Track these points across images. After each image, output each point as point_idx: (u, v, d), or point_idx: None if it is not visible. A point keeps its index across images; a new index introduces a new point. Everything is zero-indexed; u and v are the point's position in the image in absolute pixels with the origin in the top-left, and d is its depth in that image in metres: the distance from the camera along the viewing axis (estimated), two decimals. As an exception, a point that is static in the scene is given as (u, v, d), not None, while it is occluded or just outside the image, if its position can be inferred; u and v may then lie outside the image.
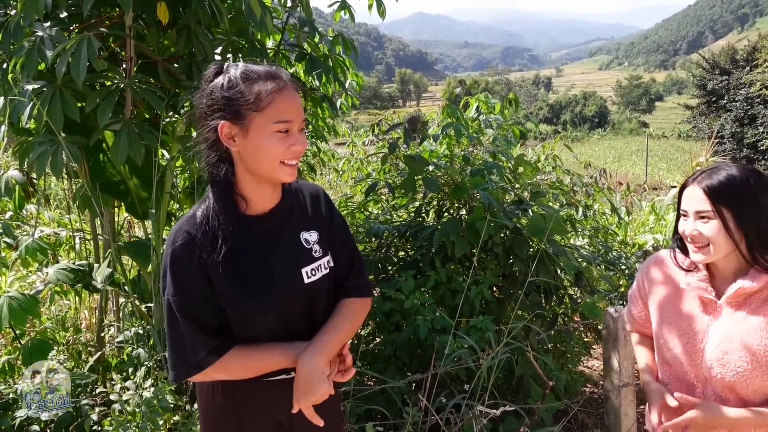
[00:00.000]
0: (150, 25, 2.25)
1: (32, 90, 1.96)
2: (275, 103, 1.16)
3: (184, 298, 1.22)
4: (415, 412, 2.24)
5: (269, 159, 1.18)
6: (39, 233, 2.63)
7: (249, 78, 1.17)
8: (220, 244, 1.21)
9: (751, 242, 1.32)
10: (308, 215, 1.36)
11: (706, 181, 1.34)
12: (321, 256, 1.33)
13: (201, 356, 1.22)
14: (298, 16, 2.93)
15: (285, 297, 1.27)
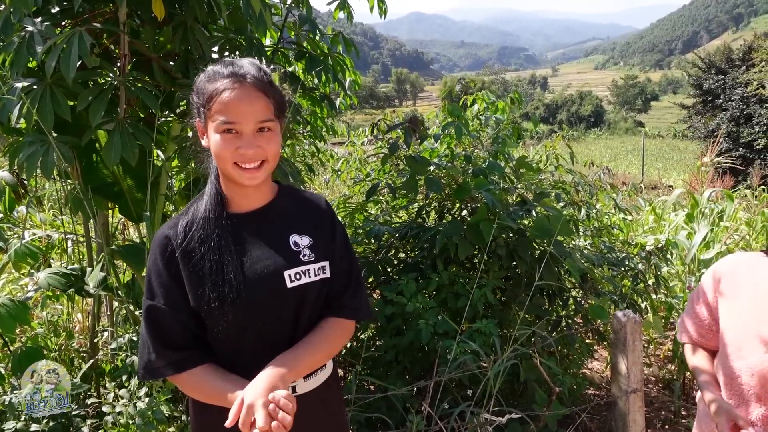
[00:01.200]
0: (145, 21, 2.18)
1: (22, 88, 1.89)
2: (220, 103, 1.15)
3: (153, 302, 1.21)
4: (419, 420, 2.18)
5: (221, 160, 1.18)
6: (30, 236, 2.56)
7: (211, 76, 1.18)
8: (191, 237, 1.20)
9: None
10: (304, 221, 1.31)
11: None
12: (311, 261, 1.27)
13: (157, 365, 1.21)
14: (298, 13, 2.86)
15: (257, 300, 1.22)
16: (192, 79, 2.19)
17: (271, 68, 1.26)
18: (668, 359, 3.96)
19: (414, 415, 2.21)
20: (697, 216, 3.87)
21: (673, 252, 4.01)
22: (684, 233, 3.87)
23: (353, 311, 1.36)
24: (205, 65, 2.07)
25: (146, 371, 1.22)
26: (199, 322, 1.23)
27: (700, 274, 3.62)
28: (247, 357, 1.24)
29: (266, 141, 1.17)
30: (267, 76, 1.19)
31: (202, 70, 1.22)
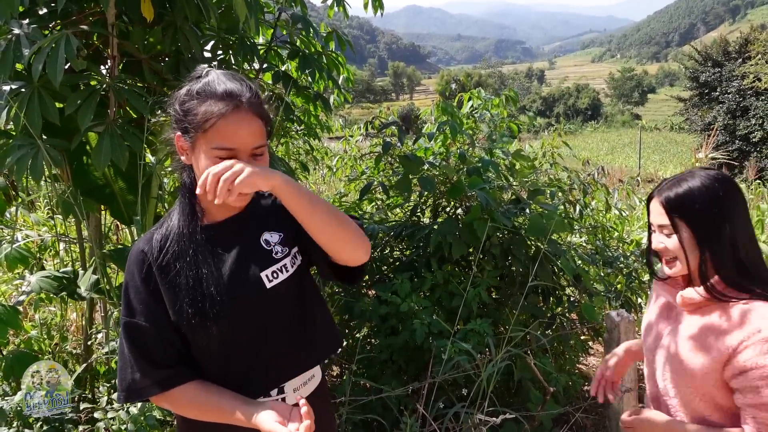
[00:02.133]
0: (134, 22, 2.15)
1: (9, 91, 1.86)
2: (218, 128, 1.10)
3: (131, 320, 1.17)
4: (413, 421, 2.18)
5: None
6: (21, 239, 2.54)
7: (202, 94, 1.12)
8: (166, 251, 1.17)
9: (703, 262, 1.27)
10: (270, 216, 1.28)
11: (665, 193, 1.30)
12: (285, 256, 1.24)
13: (141, 384, 1.17)
14: (292, 12, 2.83)
15: (242, 305, 1.19)
16: (183, 80, 2.18)
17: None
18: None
19: (408, 416, 2.21)
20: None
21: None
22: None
23: None
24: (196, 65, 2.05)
25: (130, 392, 1.18)
26: (182, 337, 1.20)
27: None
28: (237, 369, 1.22)
29: (258, 165, 1.12)
30: (258, 96, 1.16)
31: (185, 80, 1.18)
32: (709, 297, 1.27)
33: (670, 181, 1.32)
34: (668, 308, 1.43)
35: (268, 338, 1.23)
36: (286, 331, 1.26)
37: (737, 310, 1.25)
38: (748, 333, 1.20)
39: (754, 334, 1.19)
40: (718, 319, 1.27)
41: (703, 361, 1.27)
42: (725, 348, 1.23)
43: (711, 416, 1.31)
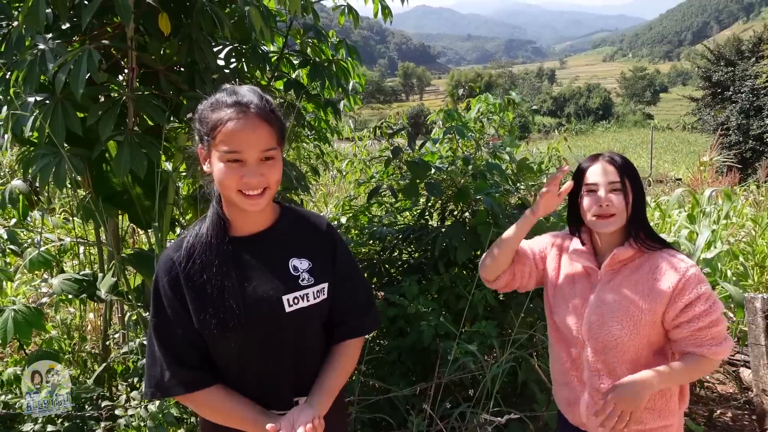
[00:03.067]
0: (152, 35, 2.24)
1: (34, 103, 1.96)
2: (224, 133, 1.16)
3: (161, 321, 1.23)
4: (419, 421, 2.24)
5: (225, 188, 1.19)
6: (43, 243, 2.64)
7: (215, 105, 1.19)
8: (194, 260, 1.22)
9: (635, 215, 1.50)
10: (304, 244, 1.33)
11: (612, 158, 1.51)
12: (310, 285, 1.29)
13: (169, 384, 1.22)
14: (303, 22, 2.91)
15: (256, 323, 1.24)
16: (197, 89, 2.26)
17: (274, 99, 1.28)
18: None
19: (415, 415, 2.27)
20: (698, 216, 3.89)
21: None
22: (685, 232, 3.89)
23: (365, 330, 1.41)
24: (211, 75, 2.15)
25: (156, 389, 1.23)
26: (205, 343, 1.26)
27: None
28: (251, 379, 1.28)
29: (269, 169, 1.19)
30: (269, 104, 1.21)
31: (204, 98, 1.25)
32: (642, 249, 1.50)
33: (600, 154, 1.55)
34: (586, 274, 1.59)
35: (283, 352, 1.28)
36: (301, 353, 1.31)
37: (659, 257, 1.50)
38: (682, 272, 1.45)
39: (687, 271, 1.45)
40: (648, 268, 1.50)
41: (647, 306, 1.47)
42: (667, 289, 1.45)
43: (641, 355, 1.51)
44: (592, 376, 1.56)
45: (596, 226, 1.51)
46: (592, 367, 1.55)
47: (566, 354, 1.62)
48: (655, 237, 1.53)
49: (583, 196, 1.53)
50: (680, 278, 1.44)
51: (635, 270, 1.51)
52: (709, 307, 1.44)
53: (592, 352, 1.54)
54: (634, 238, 1.50)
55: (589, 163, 1.54)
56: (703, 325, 1.44)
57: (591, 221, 1.51)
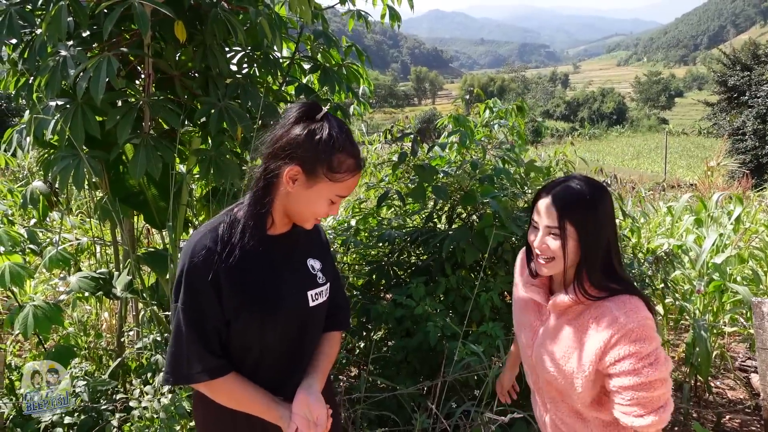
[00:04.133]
0: (167, 41, 2.32)
1: (56, 107, 2.04)
2: (346, 182, 1.28)
3: (194, 310, 1.28)
4: (425, 419, 2.29)
5: (310, 213, 1.31)
6: (61, 242, 2.73)
7: (338, 148, 1.25)
8: (237, 254, 1.28)
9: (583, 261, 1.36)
10: (315, 246, 1.48)
11: (557, 196, 1.35)
12: (323, 283, 1.43)
13: (194, 370, 1.28)
14: (314, 28, 2.98)
15: (288, 315, 1.35)
16: (211, 95, 2.34)
17: None
18: (682, 361, 4.00)
19: (420, 413, 2.32)
20: (705, 220, 3.89)
21: (686, 256, 4.04)
22: (693, 237, 3.90)
23: (347, 323, 1.59)
24: (224, 81, 2.22)
25: (179, 376, 1.30)
26: (228, 333, 1.33)
27: (709, 279, 3.65)
28: (268, 368, 1.38)
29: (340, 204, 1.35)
30: None
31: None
32: (579, 300, 1.38)
33: (558, 185, 1.38)
34: (537, 306, 1.54)
35: (305, 347, 1.42)
36: (311, 344, 1.45)
37: (602, 307, 1.37)
38: (618, 326, 1.32)
39: (622, 327, 1.31)
40: (588, 318, 1.39)
41: (581, 356, 1.38)
42: (600, 342, 1.34)
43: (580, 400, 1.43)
44: (548, 401, 1.55)
45: (537, 265, 1.43)
46: (548, 395, 1.54)
47: (529, 376, 1.62)
48: (604, 286, 1.37)
49: (530, 227, 1.44)
50: (614, 333, 1.32)
51: (576, 317, 1.41)
52: (641, 366, 1.30)
53: (542, 381, 1.53)
54: (576, 287, 1.38)
55: (539, 195, 1.41)
56: (628, 384, 1.31)
57: (535, 256, 1.43)
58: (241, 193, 2.41)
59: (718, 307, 3.84)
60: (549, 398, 1.54)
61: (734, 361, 4.03)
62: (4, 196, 4.37)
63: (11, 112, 16.26)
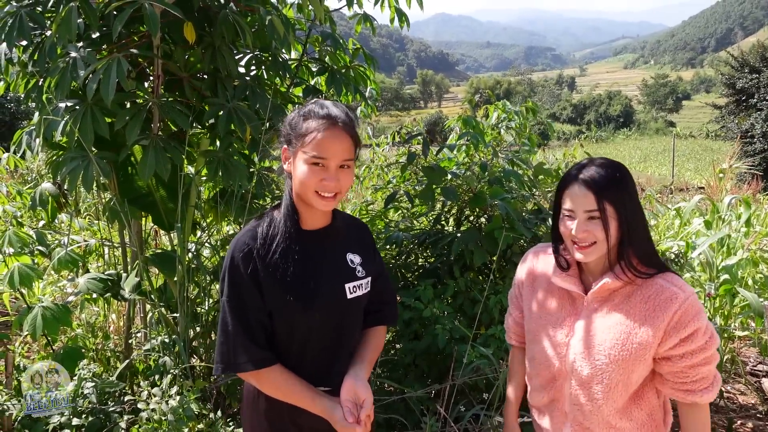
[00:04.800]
0: (177, 43, 2.32)
1: (65, 108, 2.04)
2: (314, 141, 1.31)
3: (237, 303, 1.36)
4: (434, 422, 2.27)
5: (304, 186, 1.34)
6: (70, 244, 2.73)
7: (307, 115, 1.35)
8: (274, 249, 1.37)
9: (624, 240, 1.33)
10: (355, 242, 1.52)
11: (589, 180, 1.32)
12: (363, 276, 1.47)
13: (240, 360, 1.35)
14: (321, 30, 2.98)
15: (326, 306, 1.40)
16: (220, 96, 2.34)
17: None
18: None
19: (429, 416, 2.30)
20: (716, 222, 3.85)
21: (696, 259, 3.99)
22: (702, 239, 3.86)
23: (394, 318, 1.62)
24: (233, 82, 2.23)
25: (227, 365, 1.37)
26: (271, 325, 1.40)
27: (719, 282, 3.62)
28: (310, 359, 1.43)
29: (345, 176, 1.35)
30: (353, 120, 1.37)
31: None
32: (629, 280, 1.35)
33: (583, 167, 1.36)
34: (570, 300, 1.47)
35: (343, 339, 1.46)
36: (350, 337, 1.49)
37: (654, 285, 1.35)
38: (678, 302, 1.31)
39: (682, 303, 1.30)
40: (638, 299, 1.35)
41: (639, 338, 1.33)
42: (662, 321, 1.31)
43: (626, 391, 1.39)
44: (574, 408, 1.45)
45: (575, 255, 1.37)
46: (575, 400, 1.44)
47: (547, 384, 1.51)
48: (652, 262, 1.37)
49: (561, 218, 1.39)
50: (677, 309, 1.30)
51: (627, 298, 1.37)
52: (705, 342, 1.32)
53: (576, 383, 1.43)
54: (624, 267, 1.35)
55: (568, 182, 1.37)
56: (696, 361, 1.33)
57: (570, 247, 1.38)
58: (249, 194, 2.41)
59: (728, 311, 3.80)
60: (577, 399, 1.44)
61: (745, 366, 3.99)
62: (14, 197, 4.39)
63: (20, 114, 16.37)
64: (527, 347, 1.60)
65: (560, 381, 1.47)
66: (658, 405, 1.47)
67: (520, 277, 1.64)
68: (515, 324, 1.71)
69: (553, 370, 1.48)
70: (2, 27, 2.03)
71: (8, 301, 3.24)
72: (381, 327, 1.59)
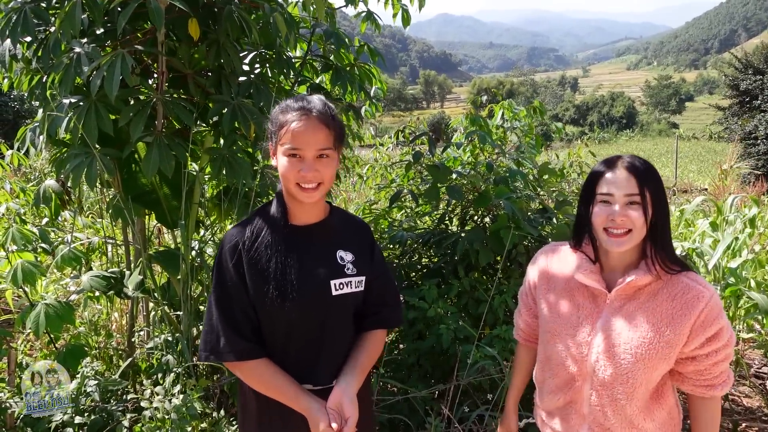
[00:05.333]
0: (181, 39, 2.31)
1: (69, 104, 2.03)
2: (288, 132, 1.33)
3: (222, 294, 1.39)
4: (438, 423, 2.25)
5: (285, 180, 1.36)
6: (73, 241, 2.72)
7: (284, 109, 1.37)
8: (260, 242, 1.39)
9: (655, 233, 1.32)
10: (349, 239, 1.50)
11: (632, 166, 1.32)
12: (353, 275, 1.45)
13: (223, 350, 1.37)
14: (324, 29, 2.96)
15: (306, 300, 1.39)
16: (224, 93, 2.32)
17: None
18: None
19: (434, 417, 2.28)
20: (721, 224, 3.83)
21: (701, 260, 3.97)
22: (709, 241, 3.84)
23: (393, 322, 1.58)
24: (237, 80, 2.22)
25: (212, 353, 1.38)
26: (257, 317, 1.40)
27: (725, 282, 3.59)
28: (293, 355, 1.43)
29: (324, 166, 1.34)
30: (331, 110, 1.37)
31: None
32: (658, 275, 1.34)
33: (619, 159, 1.35)
34: (591, 298, 1.43)
35: (325, 336, 1.43)
36: (337, 336, 1.46)
37: (680, 283, 1.34)
38: (704, 301, 1.31)
39: (707, 301, 1.30)
40: (665, 296, 1.34)
41: (667, 337, 1.32)
42: (690, 319, 1.31)
43: (648, 390, 1.38)
44: (594, 410, 1.42)
45: (607, 244, 1.34)
46: (594, 402, 1.41)
47: (565, 385, 1.48)
48: (677, 259, 1.35)
49: (595, 205, 1.36)
50: (703, 308, 1.30)
51: (652, 296, 1.35)
52: (727, 341, 1.33)
53: (598, 384, 1.40)
54: (654, 261, 1.33)
55: (605, 168, 1.36)
56: (719, 359, 1.34)
57: (602, 237, 1.35)
58: (252, 192, 2.40)
59: (734, 313, 3.77)
60: (598, 401, 1.41)
61: (749, 368, 3.96)
62: (17, 195, 4.38)
63: (24, 113, 16.39)
64: (542, 348, 1.55)
65: (579, 382, 1.43)
66: (675, 403, 1.46)
67: (532, 279, 1.60)
68: (525, 325, 1.69)
69: (572, 371, 1.44)
70: (6, 23, 2.01)
71: (11, 298, 3.23)
72: (379, 331, 1.55)
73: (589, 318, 1.41)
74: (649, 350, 1.33)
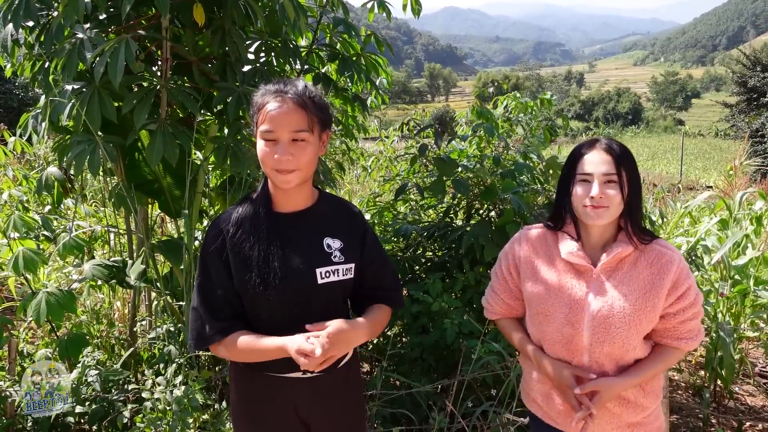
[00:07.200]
0: (186, 26, 2.27)
1: (72, 90, 2.00)
2: (262, 114, 1.32)
3: (205, 280, 1.40)
4: (441, 418, 2.23)
5: (263, 164, 1.34)
6: (75, 229, 2.70)
7: (263, 92, 1.35)
8: (243, 230, 1.38)
9: (630, 208, 1.44)
10: (338, 226, 1.47)
11: (609, 147, 1.44)
12: (341, 262, 1.43)
13: (208, 334, 1.38)
14: (333, 16, 2.92)
15: (288, 288, 1.37)
16: (229, 81, 2.29)
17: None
18: (700, 365, 3.91)
19: (437, 412, 2.26)
20: (730, 221, 3.79)
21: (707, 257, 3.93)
22: (715, 238, 3.79)
23: (393, 302, 1.56)
24: (242, 67, 2.19)
25: (198, 340, 1.39)
26: (241, 303, 1.40)
27: (732, 281, 3.55)
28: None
29: (299, 150, 1.31)
30: (309, 93, 1.34)
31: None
32: (637, 246, 1.45)
33: (597, 141, 1.47)
34: (577, 275, 1.51)
35: (304, 317, 1.39)
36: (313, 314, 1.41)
37: (654, 251, 1.47)
38: (676, 264, 1.44)
39: (678, 264, 1.45)
40: (643, 264, 1.46)
41: (651, 301, 1.44)
42: (668, 282, 1.44)
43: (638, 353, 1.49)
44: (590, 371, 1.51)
45: (587, 217, 1.44)
46: (593, 372, 1.49)
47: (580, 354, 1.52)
48: (646, 229, 1.49)
49: (575, 184, 1.46)
50: (675, 269, 1.44)
51: (633, 265, 1.47)
52: (694, 299, 1.46)
53: (589, 357, 1.49)
54: (631, 233, 1.45)
55: (585, 150, 1.46)
56: (688, 316, 1.46)
57: (582, 211, 1.45)
58: (257, 182, 2.37)
59: (739, 311, 3.73)
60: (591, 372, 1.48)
61: (754, 367, 3.93)
62: (20, 182, 4.37)
63: (29, 100, 16.40)
64: (534, 329, 1.60)
65: (577, 357, 1.51)
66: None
67: (516, 256, 1.63)
68: (506, 307, 1.71)
69: (569, 347, 1.51)
70: (9, 7, 1.98)
71: (14, 286, 3.22)
72: (380, 305, 1.53)
73: (577, 294, 1.49)
74: (639, 316, 1.44)
